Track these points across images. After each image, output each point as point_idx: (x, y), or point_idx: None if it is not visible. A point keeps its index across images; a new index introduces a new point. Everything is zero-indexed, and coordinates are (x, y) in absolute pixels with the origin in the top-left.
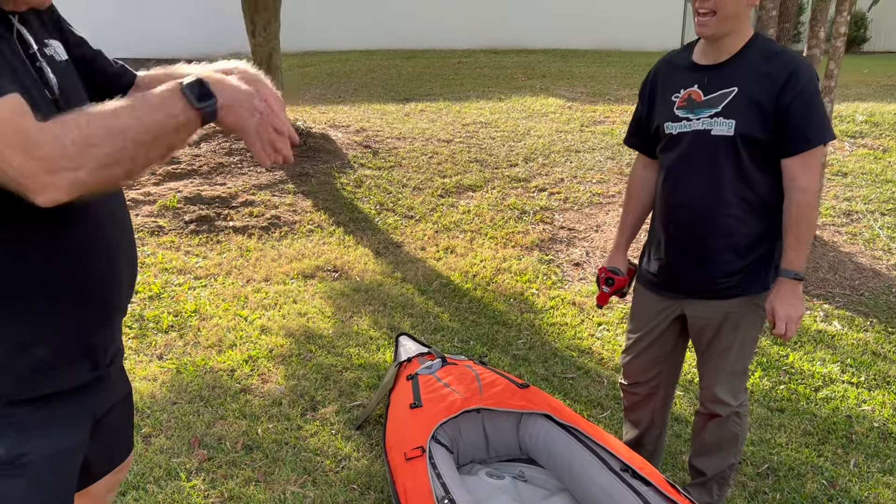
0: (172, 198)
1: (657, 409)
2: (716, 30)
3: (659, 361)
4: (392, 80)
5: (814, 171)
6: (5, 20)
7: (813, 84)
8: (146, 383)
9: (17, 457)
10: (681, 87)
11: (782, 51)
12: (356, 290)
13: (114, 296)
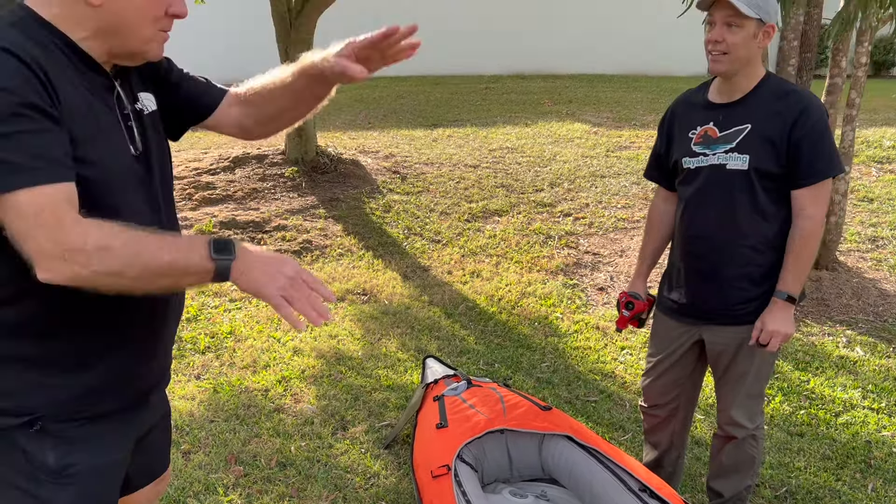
0: (208, 222)
1: (676, 432)
2: (728, 67)
3: (678, 385)
4: (420, 106)
5: (821, 202)
6: (108, 80)
7: (822, 121)
8: (185, 402)
9: (65, 467)
10: (697, 125)
11: (793, 90)
12: (385, 312)
13: (163, 330)
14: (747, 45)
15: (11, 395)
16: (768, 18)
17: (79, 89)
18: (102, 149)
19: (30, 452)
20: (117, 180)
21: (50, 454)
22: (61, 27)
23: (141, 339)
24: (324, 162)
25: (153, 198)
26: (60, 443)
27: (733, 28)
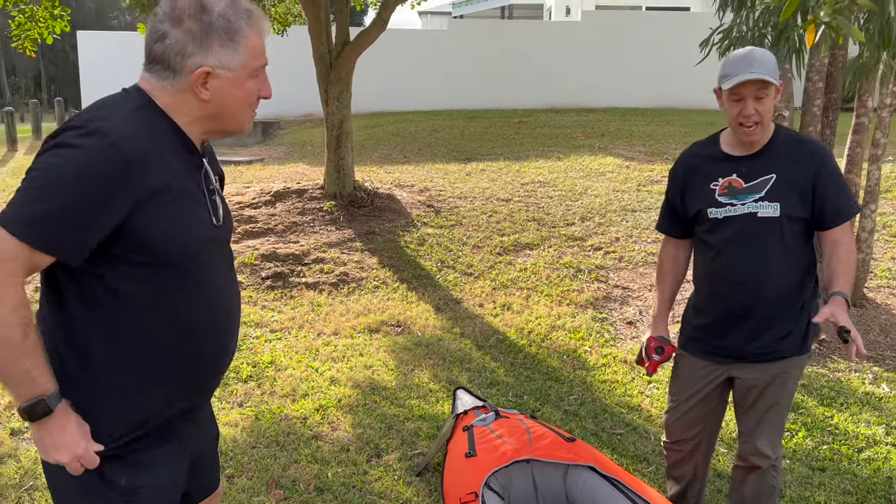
0: (250, 255)
1: (700, 464)
2: (762, 136)
3: (702, 420)
4: (455, 140)
5: (849, 233)
6: (199, 160)
7: (836, 166)
8: (229, 428)
9: (135, 489)
10: (719, 176)
11: (806, 139)
12: (418, 344)
13: (221, 371)
14: (772, 108)
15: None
16: (778, 79)
17: (179, 168)
18: (186, 222)
19: (106, 476)
20: (198, 247)
21: (122, 477)
22: (171, 114)
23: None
24: (361, 196)
25: (228, 259)
26: (131, 467)
27: (762, 100)
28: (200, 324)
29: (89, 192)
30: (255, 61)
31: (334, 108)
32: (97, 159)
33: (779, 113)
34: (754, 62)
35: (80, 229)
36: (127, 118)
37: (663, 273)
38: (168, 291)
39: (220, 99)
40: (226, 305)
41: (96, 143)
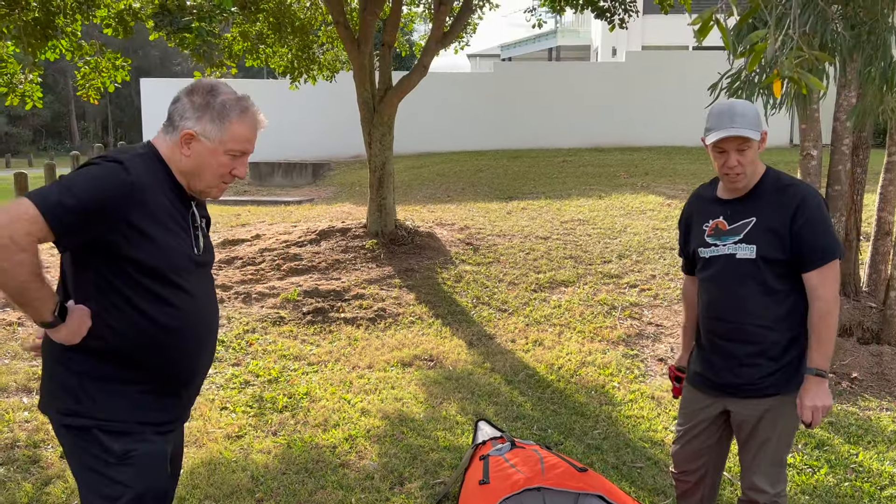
0: (294, 291)
1: (706, 496)
2: (747, 182)
3: (705, 452)
4: (498, 179)
5: (830, 282)
6: (188, 202)
7: (820, 210)
8: (262, 455)
9: (127, 452)
10: (709, 218)
11: (790, 184)
12: (448, 378)
13: (197, 373)
14: (756, 157)
15: (89, 402)
16: (763, 128)
17: (170, 203)
18: (172, 241)
19: (103, 442)
20: (180, 263)
21: (116, 444)
22: (168, 163)
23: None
24: (401, 234)
25: (207, 278)
26: (123, 436)
27: (744, 152)
28: (181, 328)
29: (101, 198)
30: (233, 143)
31: (377, 149)
32: (112, 176)
33: (807, 153)
34: (735, 117)
35: (82, 223)
36: (137, 157)
37: (686, 305)
38: (158, 298)
39: (196, 159)
40: (205, 315)
41: (114, 167)
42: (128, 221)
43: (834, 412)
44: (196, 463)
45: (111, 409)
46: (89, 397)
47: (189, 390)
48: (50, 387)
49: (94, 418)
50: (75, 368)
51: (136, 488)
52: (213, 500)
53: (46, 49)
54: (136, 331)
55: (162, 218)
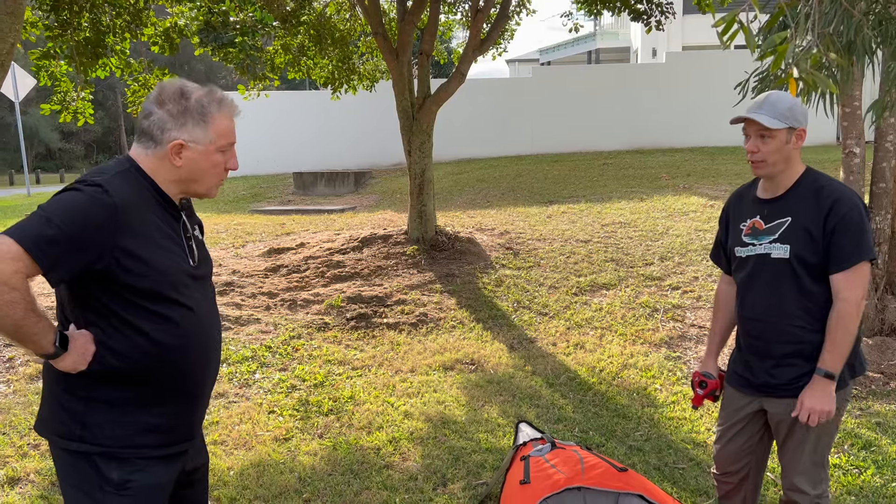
0: (337, 298)
1: (748, 497)
2: (768, 171)
3: (746, 452)
4: (538, 184)
5: (855, 286)
6: (177, 213)
7: (855, 211)
8: (308, 457)
9: (125, 482)
10: (747, 218)
11: (826, 185)
12: (489, 381)
13: (205, 388)
14: (781, 151)
15: (95, 429)
16: (797, 124)
17: (157, 217)
18: (165, 258)
19: (101, 470)
20: (177, 278)
21: (115, 472)
22: (152, 176)
23: (191, 397)
24: (442, 240)
25: (206, 290)
26: (124, 465)
27: (766, 139)
28: (184, 345)
29: (84, 225)
30: (222, 139)
31: (417, 157)
32: (93, 202)
33: (849, 150)
34: (765, 104)
35: (69, 254)
36: (117, 176)
37: (715, 307)
38: (157, 316)
39: (191, 166)
40: (206, 328)
41: (93, 191)
42: (116, 245)
43: (882, 412)
44: (245, 465)
45: (116, 435)
46: (94, 423)
47: (197, 406)
48: (52, 410)
49: (97, 444)
50: (80, 394)
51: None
52: (263, 501)
53: (97, 67)
54: (140, 352)
55: (151, 236)
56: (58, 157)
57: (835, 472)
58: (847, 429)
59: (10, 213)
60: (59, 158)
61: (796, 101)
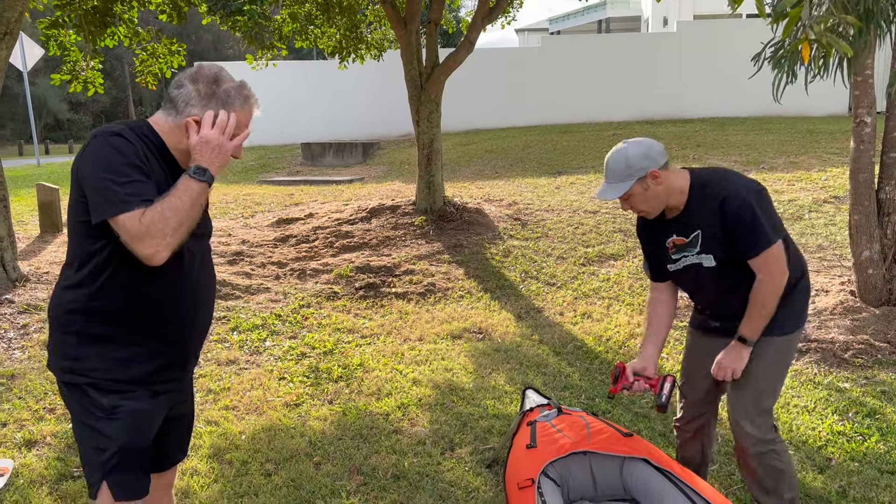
0: (346, 267)
1: (704, 447)
2: (655, 212)
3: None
4: (546, 155)
5: (769, 267)
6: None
7: (743, 206)
8: (319, 422)
9: (114, 407)
10: (665, 237)
11: (712, 184)
12: (497, 349)
13: (191, 339)
14: (647, 198)
15: (85, 361)
16: (643, 172)
17: (163, 171)
18: None
19: (92, 398)
20: None
21: (104, 399)
22: (165, 139)
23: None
24: (450, 211)
25: (203, 246)
26: (112, 393)
27: (628, 200)
28: (174, 295)
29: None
30: (236, 129)
31: (425, 127)
32: (120, 142)
33: (860, 119)
34: (607, 175)
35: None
36: (130, 129)
37: (648, 317)
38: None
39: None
40: (199, 281)
41: (114, 138)
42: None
43: (887, 381)
44: (257, 429)
45: (103, 367)
46: (84, 356)
47: (184, 354)
48: (54, 346)
49: (87, 376)
50: (72, 329)
51: (120, 441)
52: (274, 464)
53: (105, 36)
54: (132, 299)
55: (160, 186)
56: (66, 128)
57: (838, 440)
58: (852, 397)
59: (21, 182)
60: (67, 129)
61: (630, 151)
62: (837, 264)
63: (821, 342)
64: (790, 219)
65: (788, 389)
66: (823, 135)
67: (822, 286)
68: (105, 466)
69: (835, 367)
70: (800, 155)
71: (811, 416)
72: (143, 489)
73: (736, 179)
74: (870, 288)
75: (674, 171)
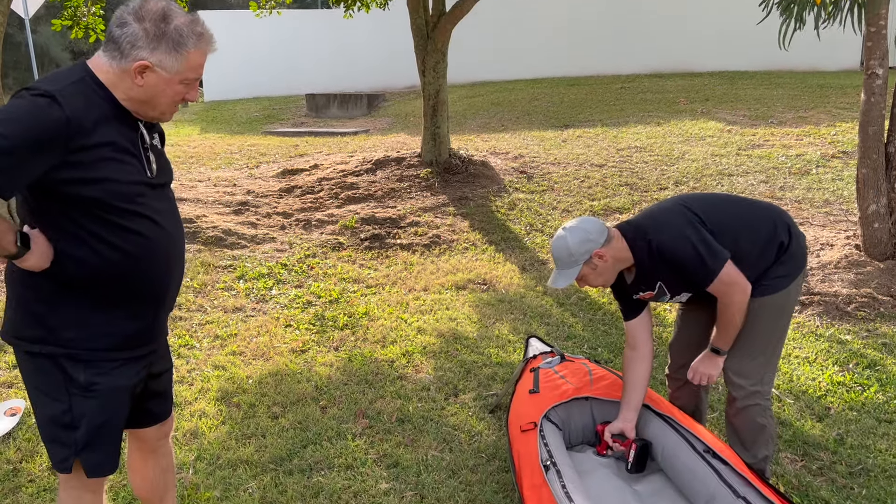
0: (351, 219)
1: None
2: (610, 282)
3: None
4: (554, 108)
5: (723, 291)
6: (134, 124)
7: (678, 249)
8: (325, 368)
9: (91, 385)
10: (635, 293)
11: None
12: (501, 300)
13: (167, 294)
14: (598, 274)
15: (60, 331)
16: (587, 255)
17: (114, 130)
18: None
19: (68, 372)
20: (132, 189)
21: (82, 374)
22: (110, 88)
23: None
24: (455, 163)
25: (166, 198)
26: (90, 367)
27: (582, 281)
28: (145, 252)
29: (36, 138)
30: (190, 73)
31: (431, 77)
32: (45, 113)
33: (872, 71)
34: (557, 265)
35: (20, 166)
36: (70, 87)
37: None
38: (115, 226)
39: (150, 90)
40: (167, 238)
41: (46, 102)
42: (67, 160)
43: (889, 334)
44: (263, 374)
45: (81, 336)
46: (59, 325)
47: (160, 311)
48: (15, 313)
49: (62, 346)
50: (44, 297)
51: (95, 420)
52: (281, 407)
53: None
54: (102, 260)
55: (105, 149)
56: None
57: (838, 390)
58: (853, 349)
59: None
60: None
61: (570, 240)
62: (843, 219)
63: (824, 295)
64: (797, 173)
65: (790, 341)
66: (834, 89)
67: (827, 240)
68: (77, 444)
69: (837, 320)
70: (809, 110)
71: (812, 367)
72: (114, 465)
73: (663, 218)
74: (875, 242)
75: (614, 242)
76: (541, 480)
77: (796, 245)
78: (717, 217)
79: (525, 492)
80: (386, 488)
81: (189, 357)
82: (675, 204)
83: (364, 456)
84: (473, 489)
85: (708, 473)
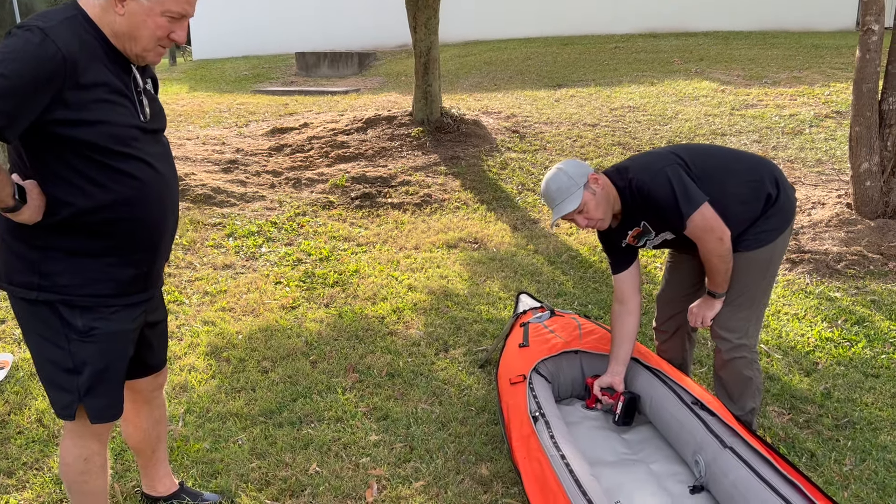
0: (342, 177)
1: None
2: (606, 222)
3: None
4: (547, 67)
5: (699, 236)
6: (127, 67)
7: (658, 188)
8: (315, 324)
9: (89, 330)
10: (622, 238)
11: (627, 182)
12: (492, 258)
13: (164, 242)
14: (598, 203)
15: (54, 277)
16: (583, 178)
17: (107, 70)
18: (113, 113)
19: (66, 318)
20: (125, 132)
21: (79, 320)
22: (100, 25)
23: (148, 248)
24: (447, 122)
25: (160, 143)
26: (87, 312)
27: (582, 212)
28: (140, 195)
29: (33, 77)
30: (173, 5)
31: (422, 34)
32: (39, 49)
33: (867, 27)
34: (553, 196)
35: (19, 107)
36: (63, 24)
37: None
38: (109, 168)
39: (131, 20)
40: (162, 182)
41: (36, 37)
42: (63, 98)
43: (878, 291)
44: (253, 329)
45: (76, 283)
46: (54, 272)
47: (155, 257)
48: (7, 260)
49: (57, 293)
50: (37, 243)
51: (97, 365)
52: (271, 361)
53: None
54: (96, 203)
55: (100, 90)
56: None
57: (826, 345)
58: (842, 306)
59: None
60: None
61: (565, 167)
62: (835, 178)
63: (814, 253)
64: (790, 133)
65: (780, 298)
66: (829, 49)
67: (818, 199)
68: (80, 389)
69: (827, 278)
70: (803, 70)
71: (801, 324)
72: (119, 411)
73: (646, 159)
74: (866, 200)
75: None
76: (529, 431)
77: (784, 198)
78: (703, 164)
79: (514, 442)
80: (376, 440)
81: (178, 313)
82: (662, 149)
83: (354, 409)
84: (462, 441)
85: (695, 424)
